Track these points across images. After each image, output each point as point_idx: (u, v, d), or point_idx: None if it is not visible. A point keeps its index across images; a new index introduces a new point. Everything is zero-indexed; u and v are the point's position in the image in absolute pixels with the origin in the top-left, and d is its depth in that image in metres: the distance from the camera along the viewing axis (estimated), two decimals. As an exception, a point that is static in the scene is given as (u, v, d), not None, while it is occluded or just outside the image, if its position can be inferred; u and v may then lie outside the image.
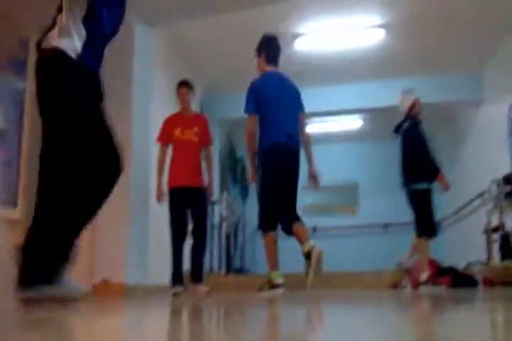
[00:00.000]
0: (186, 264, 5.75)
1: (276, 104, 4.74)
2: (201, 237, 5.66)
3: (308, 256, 4.43)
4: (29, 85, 5.50)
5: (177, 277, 5.49)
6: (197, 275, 5.58)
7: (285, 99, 4.85)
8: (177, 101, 5.85)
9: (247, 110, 4.72)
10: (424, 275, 5.91)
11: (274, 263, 4.50)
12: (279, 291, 4.39)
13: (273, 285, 4.47)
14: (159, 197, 5.54)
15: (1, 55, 5.48)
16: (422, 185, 5.96)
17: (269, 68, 4.93)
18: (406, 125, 6.06)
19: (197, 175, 5.68)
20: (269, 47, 4.99)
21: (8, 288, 0.43)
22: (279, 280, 4.44)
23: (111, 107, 5.83)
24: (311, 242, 4.45)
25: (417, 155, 5.92)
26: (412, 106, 6.04)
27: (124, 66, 6.02)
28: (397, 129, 6.18)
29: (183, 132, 5.66)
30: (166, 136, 5.66)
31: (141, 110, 6.14)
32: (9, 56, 5.50)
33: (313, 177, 4.90)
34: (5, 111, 5.02)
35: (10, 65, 5.45)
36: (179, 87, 5.79)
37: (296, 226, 4.51)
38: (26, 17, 5.94)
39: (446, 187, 6.20)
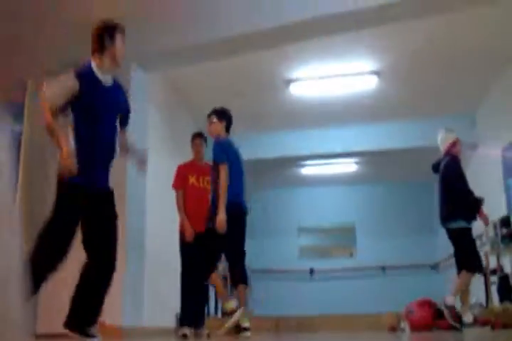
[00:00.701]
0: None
1: (237, 167, 5.10)
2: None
3: (231, 313, 4.75)
4: (26, 128, 5.55)
5: (188, 317, 5.43)
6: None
7: (241, 165, 5.23)
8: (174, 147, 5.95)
9: (222, 159, 4.94)
10: (470, 317, 5.66)
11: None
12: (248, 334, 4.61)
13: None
14: (190, 235, 5.67)
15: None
16: (460, 223, 5.73)
17: (226, 136, 5.25)
18: (445, 162, 6.03)
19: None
20: (229, 119, 5.33)
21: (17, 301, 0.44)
22: (246, 324, 4.68)
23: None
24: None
25: (455, 193, 5.81)
26: (454, 144, 6.07)
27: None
28: (436, 167, 6.16)
29: (198, 179, 5.87)
30: (180, 182, 5.83)
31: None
32: (7, 99, 5.56)
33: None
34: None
35: (8, 108, 5.52)
36: (194, 138, 6.09)
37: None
38: (25, 60, 6.04)
39: (486, 223, 5.97)
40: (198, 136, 6.13)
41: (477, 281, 7.41)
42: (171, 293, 6.86)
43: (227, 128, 5.32)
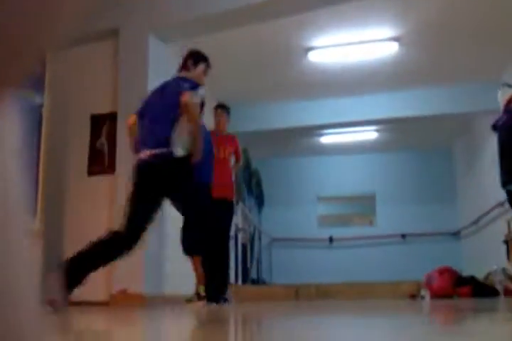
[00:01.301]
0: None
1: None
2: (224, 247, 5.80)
3: (200, 298, 4.73)
4: (46, 100, 5.57)
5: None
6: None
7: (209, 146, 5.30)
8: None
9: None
10: None
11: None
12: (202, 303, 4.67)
13: (200, 297, 4.77)
14: None
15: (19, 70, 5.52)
16: None
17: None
18: (502, 121, 5.57)
19: (230, 189, 6.02)
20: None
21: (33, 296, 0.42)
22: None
23: (125, 123, 5.91)
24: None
25: None
26: (511, 100, 5.61)
27: (138, 81, 6.06)
28: (495, 125, 5.69)
29: (219, 150, 5.92)
30: None
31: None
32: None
33: None
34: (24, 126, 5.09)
35: (28, 81, 5.51)
36: (216, 109, 6.17)
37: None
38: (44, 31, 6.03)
39: None
40: (220, 107, 6.18)
41: (499, 248, 7.39)
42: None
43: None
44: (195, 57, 4.90)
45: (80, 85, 6.42)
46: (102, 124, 6.17)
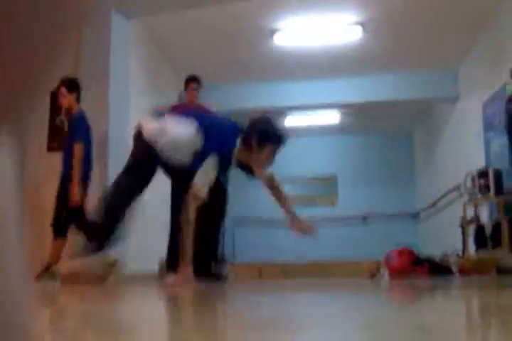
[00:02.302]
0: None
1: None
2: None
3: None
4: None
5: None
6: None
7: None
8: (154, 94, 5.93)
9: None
10: None
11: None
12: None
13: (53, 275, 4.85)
14: None
15: None
16: None
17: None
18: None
19: None
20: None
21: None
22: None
23: (88, 101, 5.90)
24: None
25: None
26: None
27: (101, 58, 6.02)
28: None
29: None
30: None
31: (118, 103, 6.14)
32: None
33: None
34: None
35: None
36: (188, 82, 5.94)
37: None
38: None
39: None
40: (193, 80, 5.96)
41: (455, 230, 7.64)
42: (154, 239, 6.99)
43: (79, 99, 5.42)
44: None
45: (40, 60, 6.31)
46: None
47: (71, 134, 5.32)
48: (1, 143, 0.42)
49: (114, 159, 5.88)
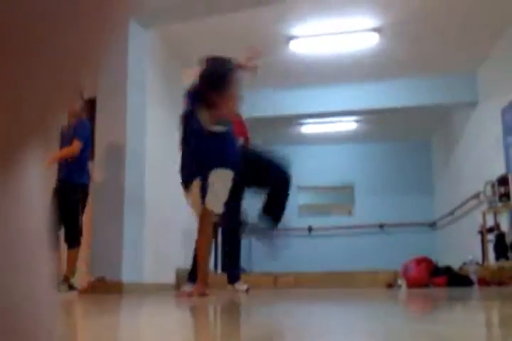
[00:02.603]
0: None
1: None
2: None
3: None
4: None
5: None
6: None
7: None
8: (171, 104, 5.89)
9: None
10: None
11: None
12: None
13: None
14: None
15: None
16: None
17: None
18: None
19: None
20: None
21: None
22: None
23: (106, 108, 5.90)
24: None
25: None
26: None
27: (119, 68, 6.01)
28: None
29: None
30: None
31: (136, 111, 6.15)
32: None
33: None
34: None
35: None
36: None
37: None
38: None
39: None
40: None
41: (474, 239, 7.52)
42: (171, 249, 6.97)
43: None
44: None
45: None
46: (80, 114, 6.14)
47: (73, 134, 5.33)
48: (35, 156, 0.40)
49: (130, 170, 5.87)
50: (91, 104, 6.05)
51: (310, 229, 11.93)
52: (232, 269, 5.33)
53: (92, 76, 0.35)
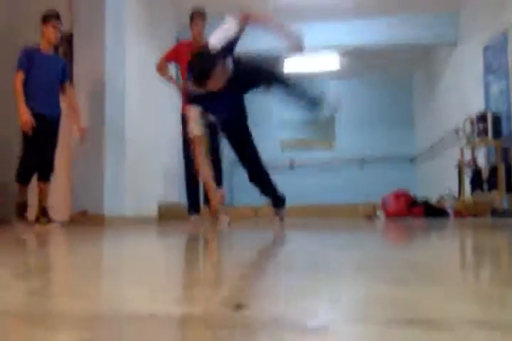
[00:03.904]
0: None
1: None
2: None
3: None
4: None
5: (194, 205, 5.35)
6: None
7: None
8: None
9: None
10: None
11: None
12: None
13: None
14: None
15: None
16: None
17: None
18: None
19: None
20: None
21: None
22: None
23: (83, 44, 5.75)
24: None
25: None
26: None
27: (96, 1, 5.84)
28: None
29: None
30: (174, 57, 5.39)
31: (114, 45, 5.99)
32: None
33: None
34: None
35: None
36: (193, 17, 5.46)
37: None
38: None
39: None
40: (199, 15, 5.47)
41: (451, 175, 7.68)
42: (152, 183, 7.03)
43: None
44: None
45: (34, 4, 6.13)
46: (58, 45, 5.99)
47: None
48: None
49: (110, 106, 5.83)
50: (67, 39, 5.90)
51: (292, 163, 12.05)
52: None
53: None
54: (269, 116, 12.33)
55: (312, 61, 10.92)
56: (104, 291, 0.88)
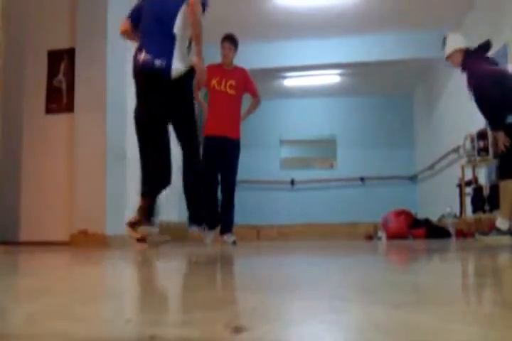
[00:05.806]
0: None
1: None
2: (230, 188, 5.79)
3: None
4: (1, 34, 5.41)
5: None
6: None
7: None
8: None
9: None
10: (506, 224, 4.97)
11: None
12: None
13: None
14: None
15: None
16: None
17: None
18: None
19: (233, 127, 5.72)
20: None
21: None
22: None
23: (85, 59, 5.76)
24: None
25: None
26: None
27: (97, 14, 5.84)
28: None
29: (220, 83, 5.67)
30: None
31: (116, 60, 6.00)
32: None
33: None
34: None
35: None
36: (223, 41, 5.69)
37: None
38: None
39: None
40: (227, 39, 5.73)
41: (452, 192, 7.67)
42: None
43: None
44: None
45: (37, 19, 6.18)
46: (60, 61, 6.00)
47: None
48: None
49: (111, 124, 5.83)
50: (69, 54, 5.92)
51: (292, 182, 12.04)
52: (221, 217, 5.45)
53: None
54: (269, 135, 12.36)
55: (312, 78, 10.97)
56: (105, 313, 0.87)
